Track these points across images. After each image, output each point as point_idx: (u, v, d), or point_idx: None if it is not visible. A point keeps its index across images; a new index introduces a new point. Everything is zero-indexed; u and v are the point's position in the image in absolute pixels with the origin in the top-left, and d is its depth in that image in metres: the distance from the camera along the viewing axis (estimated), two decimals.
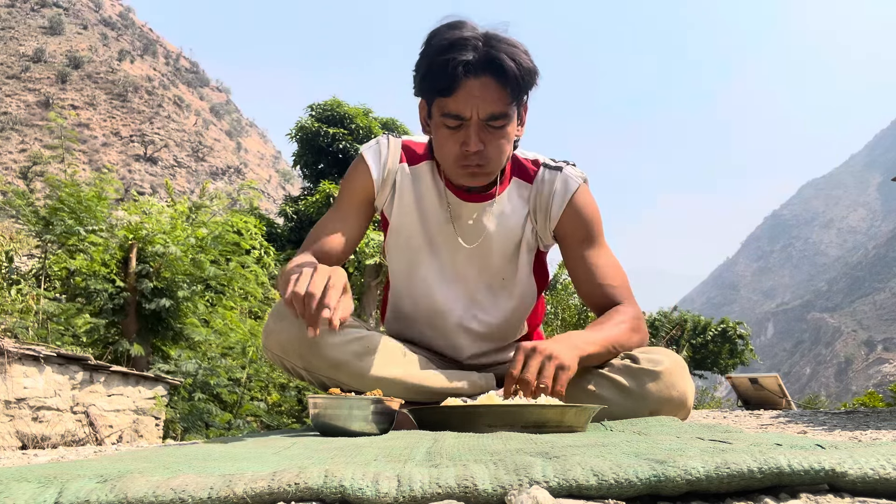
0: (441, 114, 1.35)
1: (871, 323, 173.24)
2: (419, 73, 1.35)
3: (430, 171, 1.52)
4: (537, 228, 1.53)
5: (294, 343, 1.37)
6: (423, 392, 1.42)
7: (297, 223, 14.63)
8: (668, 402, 1.35)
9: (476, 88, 1.30)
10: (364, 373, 1.38)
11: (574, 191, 1.49)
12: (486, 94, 1.31)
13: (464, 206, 1.51)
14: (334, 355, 1.37)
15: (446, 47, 1.29)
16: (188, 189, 77.54)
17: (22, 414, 4.14)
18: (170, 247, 5.82)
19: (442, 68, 1.29)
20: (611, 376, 1.37)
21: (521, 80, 1.31)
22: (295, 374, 1.45)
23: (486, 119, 1.33)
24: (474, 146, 1.34)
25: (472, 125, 1.33)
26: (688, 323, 19.78)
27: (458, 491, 0.55)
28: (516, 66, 1.30)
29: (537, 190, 1.51)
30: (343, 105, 15.39)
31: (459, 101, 1.31)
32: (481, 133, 1.34)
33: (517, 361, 1.22)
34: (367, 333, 1.44)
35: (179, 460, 0.73)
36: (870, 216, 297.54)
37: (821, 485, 0.57)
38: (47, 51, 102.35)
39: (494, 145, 1.36)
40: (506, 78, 1.30)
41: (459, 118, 1.33)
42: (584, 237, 1.50)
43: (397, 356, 1.44)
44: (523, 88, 1.34)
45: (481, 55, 1.29)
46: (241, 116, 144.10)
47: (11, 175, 56.82)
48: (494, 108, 1.32)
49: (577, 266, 1.51)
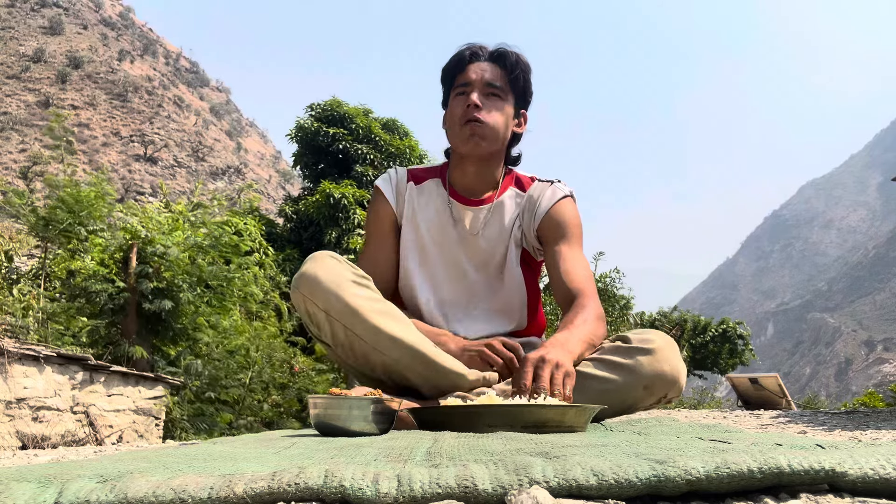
0: (454, 87, 1.71)
1: (871, 323, 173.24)
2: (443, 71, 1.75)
3: (435, 185, 1.79)
4: (524, 226, 1.75)
5: (321, 285, 1.45)
6: (429, 364, 1.43)
7: (296, 223, 14.61)
8: (661, 378, 1.39)
9: (481, 65, 1.69)
10: (379, 328, 1.43)
11: (559, 198, 1.73)
12: (488, 69, 1.69)
13: (465, 210, 1.74)
14: (355, 302, 1.43)
15: (464, 47, 1.73)
16: (188, 189, 77.53)
17: (22, 414, 4.14)
18: (170, 248, 5.82)
19: (458, 56, 1.72)
20: (605, 357, 1.44)
21: (517, 66, 1.69)
22: (315, 321, 1.49)
23: (487, 83, 1.67)
24: (473, 100, 1.63)
25: (475, 87, 1.67)
26: (688, 323, 19.78)
27: (458, 491, 0.55)
28: (513, 55, 1.70)
29: (529, 196, 1.76)
30: (343, 105, 15.38)
31: (467, 73, 1.69)
32: (481, 96, 1.66)
33: (527, 372, 1.26)
34: (386, 301, 1.52)
35: (179, 460, 0.73)
36: (870, 216, 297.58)
37: (821, 485, 0.57)
38: (47, 51, 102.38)
39: (491, 110, 1.67)
40: (505, 63, 1.69)
41: (466, 84, 1.68)
42: (561, 236, 1.70)
43: (411, 326, 1.50)
44: (517, 77, 1.70)
45: (488, 52, 1.72)
46: (241, 116, 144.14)
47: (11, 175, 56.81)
48: (493, 78, 1.68)
49: (550, 258, 1.70)
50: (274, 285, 8.81)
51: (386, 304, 1.51)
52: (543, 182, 1.78)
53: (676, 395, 1.45)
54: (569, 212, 1.72)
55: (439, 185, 1.78)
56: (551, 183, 1.77)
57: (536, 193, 1.75)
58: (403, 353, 1.42)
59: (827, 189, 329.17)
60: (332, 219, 13.38)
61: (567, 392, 1.24)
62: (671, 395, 1.44)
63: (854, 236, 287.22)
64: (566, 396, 1.24)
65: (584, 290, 1.58)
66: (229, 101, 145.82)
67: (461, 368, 1.45)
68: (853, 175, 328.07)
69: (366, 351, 1.43)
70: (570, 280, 1.61)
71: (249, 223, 7.27)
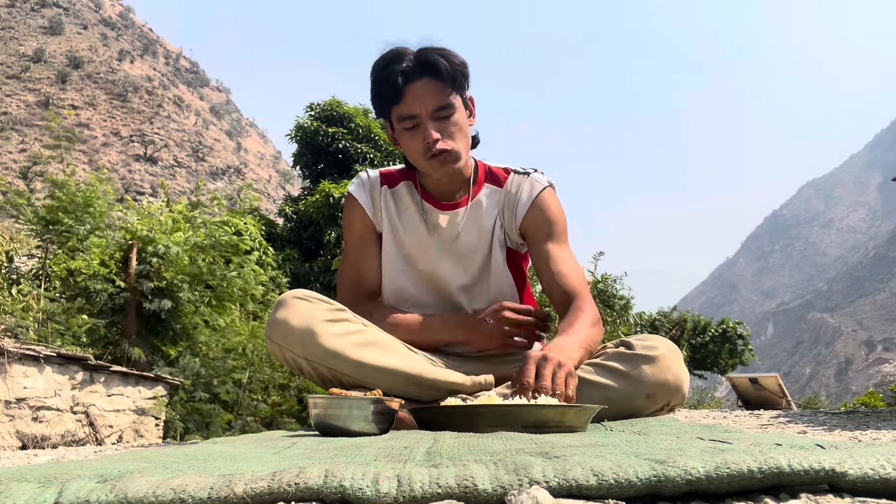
0: (398, 120, 1.55)
1: (871, 323, 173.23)
2: (372, 95, 1.57)
3: (408, 188, 1.70)
4: (505, 225, 1.67)
5: (295, 333, 1.42)
6: (421, 384, 1.42)
7: (296, 223, 14.61)
8: (664, 386, 1.38)
9: (418, 89, 1.51)
10: (363, 362, 1.40)
11: (539, 192, 1.65)
12: (427, 91, 1.52)
13: (439, 214, 1.67)
14: (333, 344, 1.40)
15: (385, 64, 1.52)
16: (188, 189, 77.48)
17: (22, 414, 4.14)
18: (171, 247, 5.82)
19: (385, 81, 1.51)
20: (608, 364, 1.41)
21: (453, 72, 1.52)
22: (295, 366, 1.47)
23: (435, 111, 1.52)
24: (432, 136, 1.52)
25: (424, 120, 1.53)
26: (688, 323, 19.77)
27: (458, 491, 0.55)
28: (447, 62, 1.51)
29: (507, 192, 1.68)
30: (343, 105, 15.38)
31: (407, 103, 1.52)
32: (435, 125, 1.53)
33: (528, 371, 1.24)
34: (365, 327, 1.49)
35: (179, 460, 0.73)
36: (870, 216, 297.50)
37: (821, 485, 0.57)
38: (47, 51, 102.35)
39: (448, 132, 1.54)
40: (441, 74, 1.51)
41: (413, 117, 1.53)
42: (547, 234, 1.64)
43: (395, 349, 1.48)
44: (456, 79, 1.53)
45: (415, 62, 1.51)
46: (241, 116, 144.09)
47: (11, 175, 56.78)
48: (438, 101, 1.52)
49: (539, 259, 1.64)
50: (274, 285, 8.81)
51: (367, 331, 1.47)
52: (520, 174, 1.69)
53: (679, 404, 1.43)
54: (552, 206, 1.65)
55: (412, 188, 1.70)
56: (528, 174, 1.68)
57: (514, 188, 1.67)
58: (394, 379, 1.40)
59: (827, 189, 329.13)
60: (332, 219, 13.38)
61: (569, 392, 1.23)
62: (674, 404, 1.42)
63: (854, 236, 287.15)
64: (568, 396, 1.23)
65: (579, 292, 1.56)
66: (229, 101, 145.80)
67: (456, 378, 1.43)
68: (853, 175, 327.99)
69: (355, 383, 1.41)
70: (565, 282, 1.57)
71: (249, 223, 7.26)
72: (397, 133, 1.58)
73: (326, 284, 12.63)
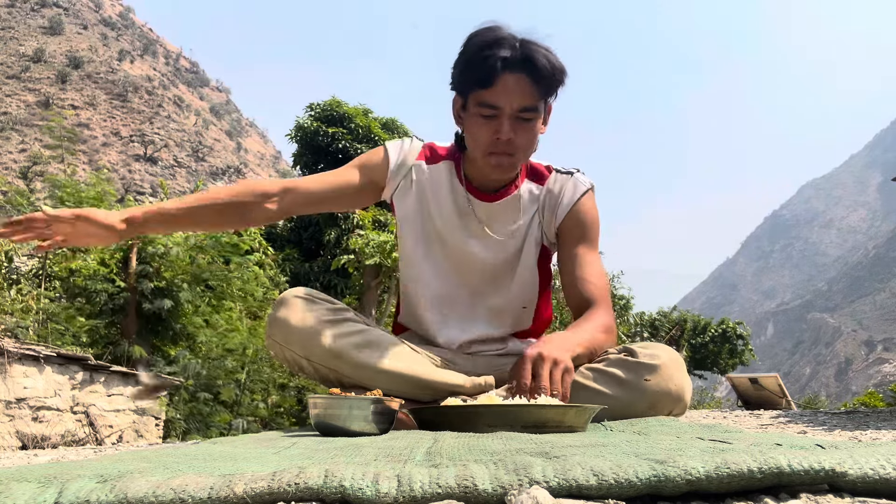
0: (477, 104, 1.45)
1: (871, 323, 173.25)
2: (459, 68, 1.47)
3: (448, 170, 1.63)
4: (543, 224, 1.63)
5: (296, 332, 1.41)
6: (422, 385, 1.41)
7: (296, 223, 14.63)
8: (667, 396, 1.36)
9: (511, 82, 1.42)
10: (364, 364, 1.40)
11: (582, 194, 1.61)
12: (520, 88, 1.42)
13: (478, 203, 1.60)
14: (334, 345, 1.40)
15: (487, 45, 1.41)
16: (188, 189, 77.45)
17: (22, 414, 4.14)
18: (171, 248, 5.82)
19: (482, 63, 1.41)
20: (608, 370, 1.39)
21: (552, 77, 1.44)
22: (296, 366, 1.46)
23: (519, 111, 1.44)
24: (506, 135, 1.44)
25: (505, 115, 1.44)
26: (688, 323, 19.79)
27: (458, 491, 0.55)
28: (549, 64, 1.42)
29: (548, 190, 1.62)
30: (343, 105, 15.40)
31: (496, 92, 1.42)
32: (513, 123, 1.45)
33: (524, 369, 1.24)
34: (366, 328, 1.48)
35: (179, 460, 0.73)
36: (870, 216, 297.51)
37: (821, 485, 0.57)
38: (47, 51, 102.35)
39: (523, 137, 1.47)
40: (539, 75, 1.42)
41: (495, 108, 1.44)
42: (581, 236, 1.61)
43: (397, 350, 1.46)
44: (553, 86, 1.46)
45: (518, 53, 1.41)
46: (241, 116, 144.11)
47: (11, 175, 56.78)
48: (526, 101, 1.44)
49: (566, 259, 1.61)
50: (274, 285, 8.81)
51: (367, 332, 1.45)
52: (563, 174, 1.64)
53: (681, 412, 1.41)
54: (591, 210, 1.62)
55: (453, 172, 1.63)
56: (571, 175, 1.63)
57: (557, 188, 1.62)
58: (395, 381, 1.40)
59: (827, 189, 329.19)
60: (332, 218, 13.38)
61: (564, 389, 1.23)
62: (676, 412, 1.40)
63: (854, 236, 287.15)
64: (565, 394, 1.22)
65: (598, 299, 1.52)
66: (229, 101, 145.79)
67: (457, 379, 1.42)
68: (853, 175, 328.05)
69: (356, 384, 1.41)
70: (585, 288, 1.54)
71: None
72: (469, 114, 1.49)
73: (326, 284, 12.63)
